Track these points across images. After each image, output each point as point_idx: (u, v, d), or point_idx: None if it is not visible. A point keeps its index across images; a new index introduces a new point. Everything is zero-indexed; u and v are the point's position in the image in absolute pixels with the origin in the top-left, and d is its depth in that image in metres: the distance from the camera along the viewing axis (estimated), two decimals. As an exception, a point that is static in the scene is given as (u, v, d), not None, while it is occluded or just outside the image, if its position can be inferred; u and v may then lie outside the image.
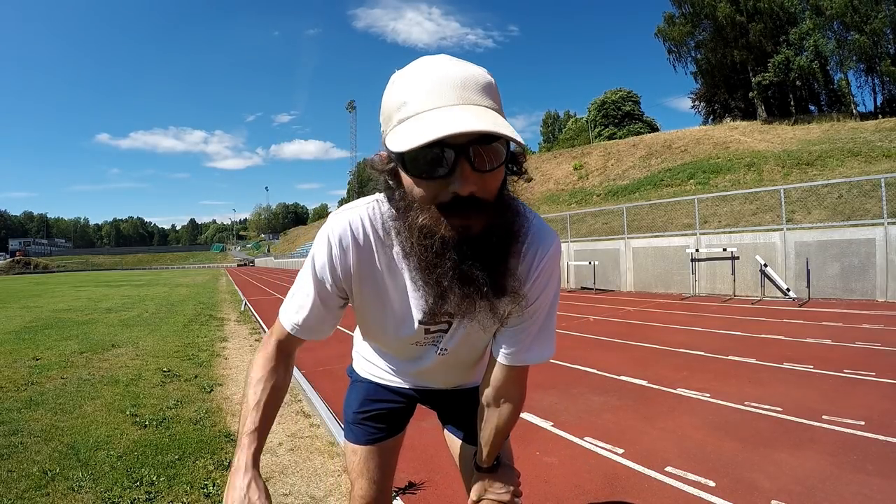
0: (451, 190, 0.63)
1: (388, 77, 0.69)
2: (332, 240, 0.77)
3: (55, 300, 14.03)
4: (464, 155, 0.61)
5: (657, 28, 33.83)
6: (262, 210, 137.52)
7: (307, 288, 0.82)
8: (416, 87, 0.63)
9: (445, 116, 0.59)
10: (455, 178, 0.62)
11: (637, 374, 3.90)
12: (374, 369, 1.12)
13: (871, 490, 1.94)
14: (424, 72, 0.64)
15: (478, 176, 0.62)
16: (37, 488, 2.13)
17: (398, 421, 1.13)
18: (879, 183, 8.64)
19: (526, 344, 0.85)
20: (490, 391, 0.93)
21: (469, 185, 0.62)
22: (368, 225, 0.78)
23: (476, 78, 0.64)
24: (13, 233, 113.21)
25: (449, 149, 0.60)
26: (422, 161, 0.62)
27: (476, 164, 0.62)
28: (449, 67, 0.64)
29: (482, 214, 0.65)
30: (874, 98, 28.85)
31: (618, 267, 12.09)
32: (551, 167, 34.28)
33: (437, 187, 0.64)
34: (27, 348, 5.76)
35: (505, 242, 0.70)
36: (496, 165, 0.64)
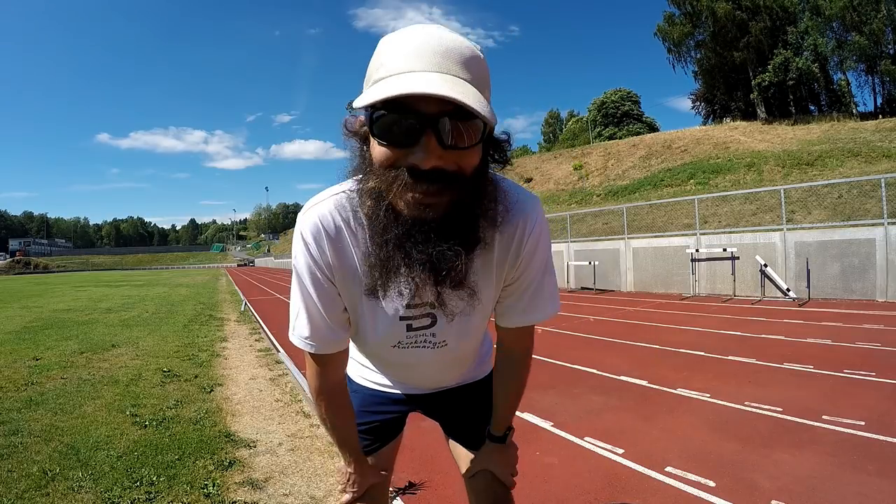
0: (410, 161, 0.59)
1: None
2: (306, 239, 0.74)
3: (55, 300, 14.03)
4: (431, 126, 0.57)
5: (657, 27, 33.80)
6: (262, 210, 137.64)
7: (304, 299, 0.78)
8: (397, 50, 0.60)
9: (415, 79, 0.56)
10: (418, 148, 0.58)
11: (637, 375, 3.90)
12: (370, 374, 1.09)
13: (871, 490, 1.94)
14: (409, 36, 0.60)
15: (445, 151, 0.58)
16: (37, 488, 2.13)
17: (393, 430, 1.11)
18: (879, 183, 8.64)
19: (527, 306, 0.84)
20: (498, 350, 0.95)
21: (432, 160, 0.58)
22: (338, 216, 0.73)
23: (461, 49, 0.60)
24: (13, 233, 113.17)
25: (418, 118, 0.57)
26: (387, 124, 0.58)
27: (445, 139, 0.57)
28: (435, 34, 0.60)
29: (449, 190, 0.60)
30: (874, 98, 28.89)
31: (618, 267, 12.09)
32: (551, 167, 34.28)
33: (398, 155, 0.59)
34: (27, 348, 5.76)
35: (471, 229, 0.66)
36: (468, 145, 0.59)
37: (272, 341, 6.18)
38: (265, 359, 5.05)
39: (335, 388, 0.89)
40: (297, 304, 0.79)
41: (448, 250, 0.63)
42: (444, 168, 0.59)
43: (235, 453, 2.55)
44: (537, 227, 0.77)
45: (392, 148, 0.60)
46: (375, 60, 0.62)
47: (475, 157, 0.63)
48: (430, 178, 0.59)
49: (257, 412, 3.28)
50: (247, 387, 3.95)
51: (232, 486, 2.18)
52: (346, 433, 0.94)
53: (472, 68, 0.60)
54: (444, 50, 0.58)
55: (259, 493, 2.12)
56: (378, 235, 0.65)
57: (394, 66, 0.59)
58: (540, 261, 0.80)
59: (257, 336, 6.69)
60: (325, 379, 0.86)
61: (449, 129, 0.57)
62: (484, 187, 0.67)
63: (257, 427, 2.98)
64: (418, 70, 0.57)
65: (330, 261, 0.74)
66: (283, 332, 6.85)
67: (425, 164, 0.58)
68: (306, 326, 0.79)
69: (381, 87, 0.57)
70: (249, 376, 4.31)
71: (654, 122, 44.42)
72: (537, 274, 0.81)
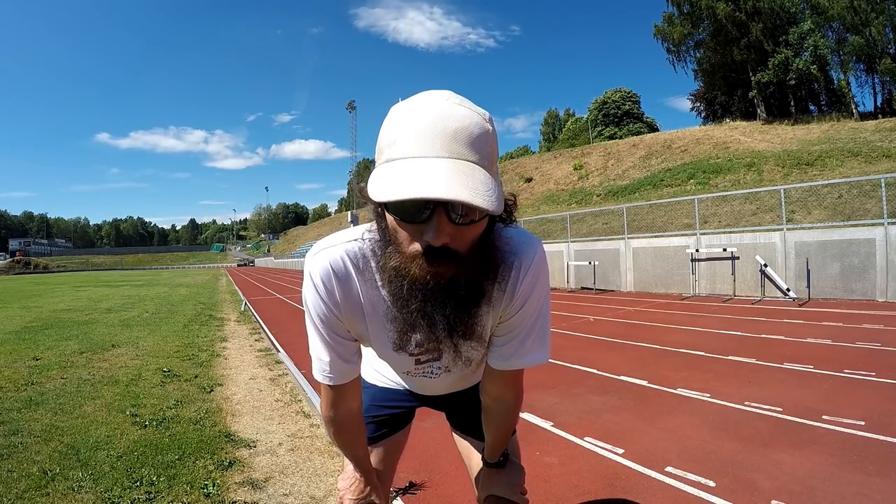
0: (426, 238, 0.63)
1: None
2: (314, 280, 0.78)
3: (55, 300, 14.03)
4: (443, 206, 0.61)
5: (656, 28, 33.73)
6: (262, 210, 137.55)
7: (317, 335, 0.83)
8: (408, 126, 0.62)
9: (427, 171, 0.58)
10: (430, 226, 0.62)
11: (637, 375, 3.90)
12: (380, 377, 1.15)
13: (871, 490, 1.94)
14: (420, 112, 0.63)
15: (454, 228, 0.62)
16: (37, 488, 2.13)
17: (401, 422, 1.17)
18: (879, 183, 8.64)
19: (516, 350, 0.85)
20: (487, 393, 0.95)
21: (442, 237, 0.62)
22: (349, 262, 0.78)
23: (470, 129, 0.62)
24: (13, 233, 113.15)
25: (430, 200, 0.60)
26: (401, 203, 0.61)
27: (455, 218, 0.62)
28: (445, 111, 0.62)
29: (453, 264, 0.65)
30: (874, 98, 28.90)
31: (618, 267, 12.09)
32: (551, 167, 34.29)
33: (415, 230, 0.64)
34: (27, 348, 5.76)
35: (475, 290, 0.71)
36: (476, 219, 0.64)
37: (272, 341, 6.18)
38: (265, 359, 5.05)
39: (348, 417, 0.93)
40: (313, 341, 0.85)
41: (460, 311, 0.70)
42: (451, 246, 0.64)
43: (235, 453, 2.55)
44: (533, 270, 0.79)
45: (409, 224, 0.64)
46: (388, 134, 0.65)
47: (481, 228, 0.68)
48: (441, 255, 0.64)
49: (257, 412, 3.28)
50: (247, 387, 3.95)
51: (232, 486, 2.18)
52: (358, 452, 0.99)
53: (481, 148, 0.63)
54: (454, 132, 0.61)
55: (259, 493, 2.12)
56: (401, 302, 0.71)
57: (406, 147, 0.62)
58: (535, 305, 0.82)
59: (257, 336, 6.69)
60: (339, 409, 0.91)
61: (458, 209, 0.62)
62: (488, 251, 0.71)
63: (257, 427, 2.98)
64: (429, 156, 0.60)
65: (339, 301, 0.79)
66: (283, 332, 6.86)
67: (436, 243, 0.62)
68: (323, 360, 0.84)
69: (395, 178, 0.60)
70: (249, 376, 4.31)
71: (654, 122, 44.49)
72: (530, 318, 0.83)
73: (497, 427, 0.98)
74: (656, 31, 33.64)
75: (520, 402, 0.96)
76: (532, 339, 0.84)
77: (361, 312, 0.81)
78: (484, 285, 0.73)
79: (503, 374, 0.89)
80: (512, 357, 0.86)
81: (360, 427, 0.97)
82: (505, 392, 0.93)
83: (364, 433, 1.00)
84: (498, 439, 0.99)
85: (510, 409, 0.96)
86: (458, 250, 0.65)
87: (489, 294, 0.76)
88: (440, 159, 0.60)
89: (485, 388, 0.95)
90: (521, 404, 0.97)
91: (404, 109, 0.65)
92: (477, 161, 0.62)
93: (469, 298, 0.71)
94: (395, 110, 0.66)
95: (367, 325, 0.82)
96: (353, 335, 0.85)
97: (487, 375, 0.93)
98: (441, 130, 0.61)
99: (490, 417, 0.98)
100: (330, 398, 0.89)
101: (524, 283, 0.78)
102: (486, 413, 0.98)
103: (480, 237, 0.68)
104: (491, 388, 0.94)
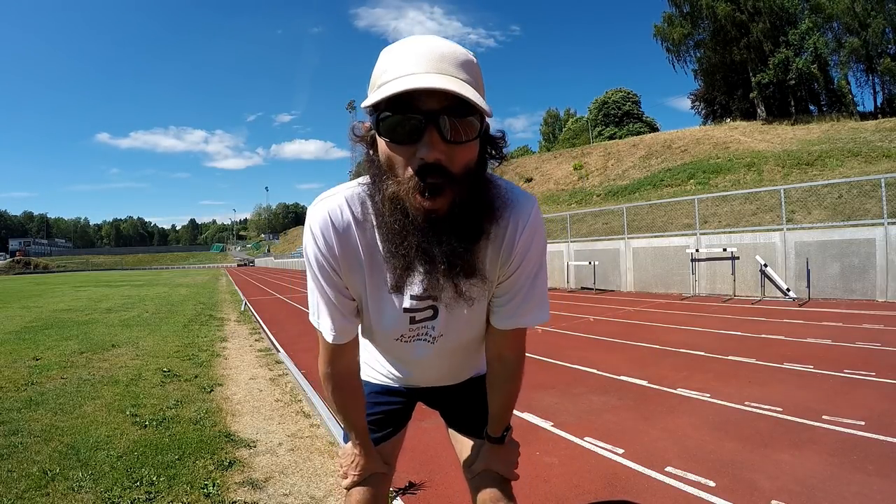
0: (419, 156, 0.63)
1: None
2: (314, 232, 0.78)
3: (55, 300, 14.03)
4: (433, 122, 0.62)
5: (655, 28, 33.67)
6: (262, 210, 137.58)
7: (317, 288, 0.82)
8: (398, 56, 0.65)
9: (417, 78, 0.61)
10: (423, 143, 0.63)
11: (637, 374, 3.90)
12: (374, 372, 1.13)
13: (871, 490, 1.94)
14: (409, 45, 0.66)
15: (447, 145, 0.63)
16: (37, 488, 2.13)
17: (398, 422, 1.15)
18: (879, 183, 8.64)
19: (517, 308, 0.86)
20: (490, 353, 0.96)
21: (435, 153, 0.63)
22: (347, 210, 0.77)
23: (455, 54, 0.66)
24: (13, 233, 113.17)
25: (420, 115, 0.62)
26: (393, 124, 0.63)
27: (445, 134, 0.63)
28: (432, 42, 0.66)
29: (449, 192, 0.65)
30: (874, 98, 28.91)
31: (618, 267, 12.08)
32: (551, 167, 34.29)
33: (407, 152, 0.64)
34: (27, 348, 5.76)
35: (473, 223, 0.70)
36: (466, 139, 0.65)
37: (272, 341, 6.17)
38: (265, 359, 5.05)
39: (345, 373, 0.92)
40: (313, 294, 0.84)
41: (459, 246, 0.69)
42: (444, 164, 0.64)
43: (235, 453, 2.55)
44: (531, 225, 0.79)
45: (398, 146, 0.65)
46: (378, 68, 0.67)
47: (472, 152, 0.68)
48: (435, 172, 0.63)
49: (257, 412, 3.28)
50: (247, 387, 3.95)
51: (232, 486, 2.18)
52: (355, 416, 0.98)
53: (468, 70, 0.66)
54: (441, 55, 0.64)
55: (259, 493, 2.12)
56: (398, 238, 0.69)
57: (396, 70, 0.64)
58: (533, 260, 0.82)
59: (257, 336, 6.69)
60: (335, 365, 0.90)
61: (448, 125, 0.62)
62: (482, 183, 0.72)
63: (257, 427, 2.98)
64: (419, 72, 0.63)
65: (336, 253, 0.78)
66: (283, 332, 6.86)
67: (429, 157, 0.63)
68: (324, 314, 0.83)
69: (385, 88, 0.62)
70: (249, 376, 4.31)
71: (654, 121, 44.44)
72: (530, 274, 0.83)
73: (500, 390, 0.97)
74: (656, 31, 33.61)
75: (522, 361, 0.96)
76: (534, 298, 0.85)
77: (360, 264, 0.80)
78: (482, 222, 0.72)
79: (505, 334, 0.90)
80: (514, 316, 0.86)
81: (358, 388, 0.97)
82: (507, 351, 0.93)
83: (362, 398, 0.98)
84: (502, 406, 0.99)
85: (513, 370, 0.95)
86: (452, 171, 0.65)
87: (488, 233, 0.75)
88: (429, 74, 0.62)
89: (488, 347, 0.96)
90: (523, 366, 0.98)
91: (393, 47, 0.68)
92: (465, 80, 0.64)
93: (468, 233, 0.70)
94: (384, 51, 0.69)
95: (364, 277, 0.81)
96: (352, 292, 0.84)
97: (490, 335, 0.93)
98: (429, 54, 0.64)
99: (493, 380, 0.98)
100: (329, 353, 0.89)
101: (522, 239, 0.78)
102: (490, 376, 0.99)
103: (475, 170, 0.69)
104: (493, 347, 0.95)
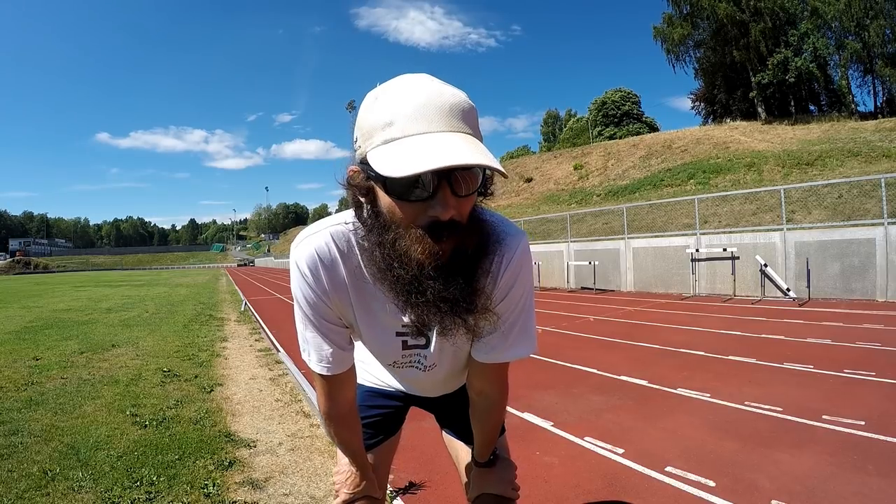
0: (431, 214, 0.63)
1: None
2: (301, 269, 0.77)
3: (55, 300, 14.03)
4: (446, 180, 0.62)
5: (655, 30, 33.61)
6: (262, 210, 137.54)
7: (310, 325, 0.82)
8: (402, 107, 0.62)
9: (437, 144, 0.59)
10: (436, 202, 0.62)
11: (637, 374, 3.90)
12: (368, 375, 1.13)
13: (871, 490, 1.94)
14: (410, 92, 0.63)
15: (456, 200, 0.63)
16: (37, 488, 2.13)
17: (392, 425, 1.15)
18: (879, 183, 8.63)
19: (499, 342, 0.84)
20: (472, 387, 0.95)
21: (449, 211, 0.63)
22: (334, 246, 0.77)
23: (461, 105, 0.64)
24: (13, 233, 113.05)
25: (433, 174, 0.60)
26: (404, 182, 0.61)
27: (456, 189, 0.63)
28: (434, 90, 0.63)
29: (453, 237, 0.65)
30: (874, 98, 28.91)
31: (618, 267, 12.09)
32: (551, 167, 34.30)
33: (417, 209, 0.64)
34: (27, 348, 5.76)
35: (474, 262, 0.71)
36: (474, 191, 0.65)
37: (272, 341, 6.17)
38: (265, 359, 5.05)
39: (346, 408, 0.92)
40: (303, 332, 0.83)
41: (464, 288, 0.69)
42: (457, 219, 0.64)
43: (235, 453, 2.55)
44: (517, 260, 0.79)
45: (412, 204, 0.64)
46: (380, 117, 0.63)
47: (473, 200, 0.69)
48: (449, 229, 0.64)
49: (257, 412, 3.28)
50: (247, 387, 3.95)
51: (232, 486, 2.18)
52: (356, 445, 0.97)
53: (473, 122, 0.65)
54: (448, 108, 0.63)
55: (259, 493, 2.12)
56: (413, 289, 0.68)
57: (405, 126, 0.61)
58: (517, 295, 0.81)
59: (257, 336, 6.69)
60: (336, 401, 0.89)
61: (459, 180, 0.63)
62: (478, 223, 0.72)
63: (257, 427, 2.98)
64: (434, 131, 0.61)
65: (326, 288, 0.78)
66: (283, 332, 6.85)
67: (444, 217, 0.63)
68: (316, 351, 0.83)
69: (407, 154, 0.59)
70: (249, 376, 4.31)
71: (654, 121, 44.46)
72: (514, 309, 0.82)
73: (482, 423, 0.97)
74: (655, 32, 33.59)
75: (504, 397, 0.96)
76: (515, 332, 0.84)
77: (348, 298, 0.80)
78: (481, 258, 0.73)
79: (486, 368, 0.89)
80: (495, 350, 0.85)
81: (356, 419, 0.97)
82: (489, 386, 0.92)
83: (359, 424, 0.98)
84: (485, 437, 0.99)
85: (494, 405, 0.95)
86: (462, 224, 0.66)
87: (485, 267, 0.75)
88: (443, 133, 0.61)
89: (470, 382, 0.96)
90: (506, 400, 0.97)
91: (390, 91, 0.64)
92: (472, 133, 0.64)
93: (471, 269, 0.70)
94: (380, 93, 0.65)
95: (353, 311, 0.81)
96: (345, 322, 0.84)
97: (472, 369, 0.92)
98: (438, 107, 0.62)
99: (475, 413, 0.98)
100: (327, 389, 0.88)
101: (507, 273, 0.78)
102: (472, 409, 0.99)
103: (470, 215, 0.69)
104: (475, 383, 0.94)
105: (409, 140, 0.60)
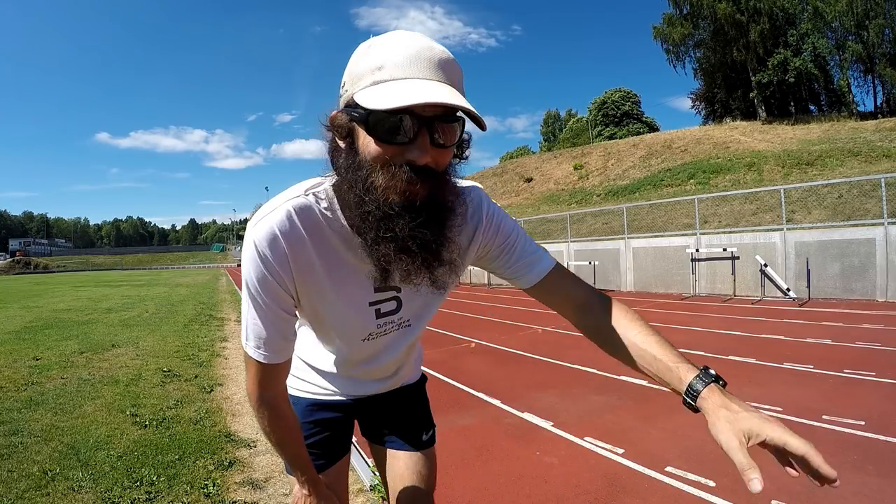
0: (408, 157, 0.65)
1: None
2: (260, 249, 0.73)
3: (55, 300, 14.03)
4: (427, 127, 0.64)
5: (655, 30, 33.60)
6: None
7: (257, 309, 0.78)
8: (393, 54, 0.65)
9: (424, 87, 0.62)
10: (414, 146, 0.64)
11: (637, 375, 3.88)
12: (307, 385, 1.07)
13: (871, 490, 1.94)
14: (403, 43, 0.66)
15: (434, 150, 0.66)
16: (37, 488, 2.13)
17: (338, 444, 1.10)
18: (879, 183, 8.64)
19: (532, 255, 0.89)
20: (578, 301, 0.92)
21: (426, 157, 0.65)
22: (297, 223, 0.74)
23: (450, 61, 0.67)
24: (13, 233, 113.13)
25: (414, 119, 0.63)
26: (387, 124, 0.64)
27: (435, 139, 0.65)
28: (425, 45, 0.66)
29: (427, 183, 0.67)
30: (874, 98, 28.89)
31: (618, 267, 12.09)
32: (551, 167, 34.30)
33: (395, 152, 0.65)
34: (27, 348, 5.76)
35: (444, 213, 0.72)
36: (451, 144, 0.67)
37: (272, 341, 6.17)
38: (265, 359, 5.05)
39: (279, 397, 0.88)
40: (250, 316, 0.79)
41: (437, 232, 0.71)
42: (432, 167, 0.67)
43: (235, 453, 2.55)
44: (488, 209, 0.88)
45: (387, 145, 0.65)
46: (371, 61, 0.66)
47: (450, 155, 0.71)
48: (423, 173, 0.66)
49: (257, 412, 3.28)
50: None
51: (232, 485, 2.18)
52: (295, 448, 0.92)
53: (459, 80, 0.69)
54: (438, 61, 0.66)
55: (259, 493, 2.12)
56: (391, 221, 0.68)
57: (395, 70, 0.64)
58: (508, 229, 0.89)
59: (257, 336, 6.69)
60: (270, 389, 0.85)
61: (439, 131, 0.65)
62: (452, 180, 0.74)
63: (257, 427, 2.98)
64: (421, 77, 0.64)
65: (289, 268, 0.75)
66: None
67: (420, 161, 0.65)
68: (261, 338, 0.79)
69: (394, 92, 0.62)
70: (249, 376, 4.31)
71: (654, 121, 44.47)
72: (516, 236, 0.89)
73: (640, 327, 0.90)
74: (655, 32, 33.58)
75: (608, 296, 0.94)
76: (531, 247, 0.90)
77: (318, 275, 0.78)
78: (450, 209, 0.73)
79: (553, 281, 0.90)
80: (534, 264, 0.89)
81: (293, 416, 0.91)
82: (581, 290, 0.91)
83: (298, 426, 0.93)
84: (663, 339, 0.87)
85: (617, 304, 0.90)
86: (437, 173, 0.68)
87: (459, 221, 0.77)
88: (430, 81, 0.64)
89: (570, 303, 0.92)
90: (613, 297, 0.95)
91: (384, 41, 0.67)
92: (459, 89, 0.67)
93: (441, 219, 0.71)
94: (374, 42, 0.68)
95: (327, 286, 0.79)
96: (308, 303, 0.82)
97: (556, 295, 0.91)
98: (428, 59, 0.65)
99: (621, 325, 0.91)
100: (260, 377, 0.83)
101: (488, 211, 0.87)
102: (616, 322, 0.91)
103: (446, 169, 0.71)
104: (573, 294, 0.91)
105: (398, 82, 0.63)
